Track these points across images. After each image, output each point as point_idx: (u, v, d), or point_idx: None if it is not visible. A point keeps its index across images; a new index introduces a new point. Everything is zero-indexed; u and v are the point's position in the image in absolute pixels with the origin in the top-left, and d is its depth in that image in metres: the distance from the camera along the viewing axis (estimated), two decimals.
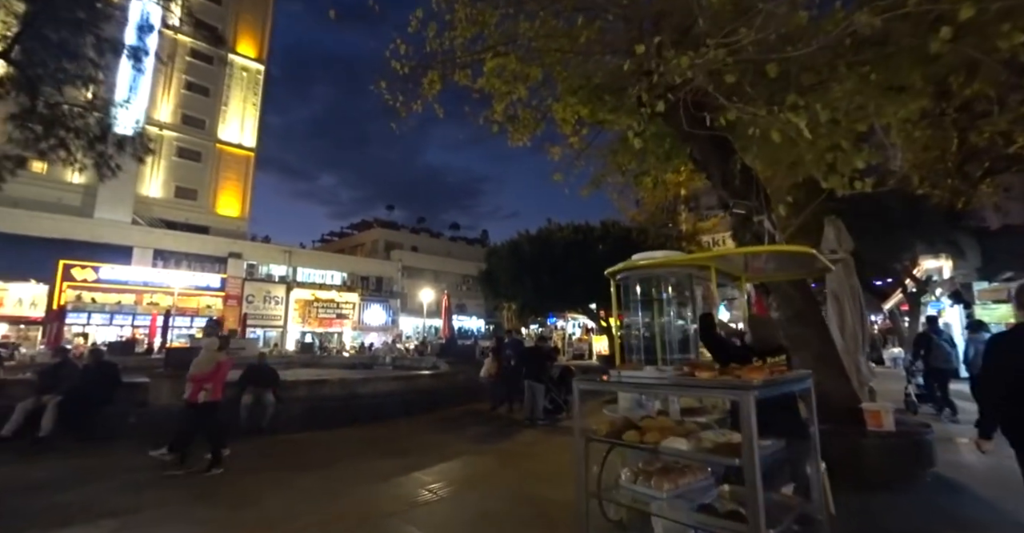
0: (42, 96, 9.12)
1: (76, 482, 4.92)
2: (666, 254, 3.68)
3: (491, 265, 19.52)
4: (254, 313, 30.76)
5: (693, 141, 5.16)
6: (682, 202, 25.21)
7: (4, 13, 9.01)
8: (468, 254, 47.98)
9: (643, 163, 7.77)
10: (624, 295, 4.05)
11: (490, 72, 5.54)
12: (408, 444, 6.80)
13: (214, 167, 35.56)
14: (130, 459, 5.65)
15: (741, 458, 2.05)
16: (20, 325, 24.58)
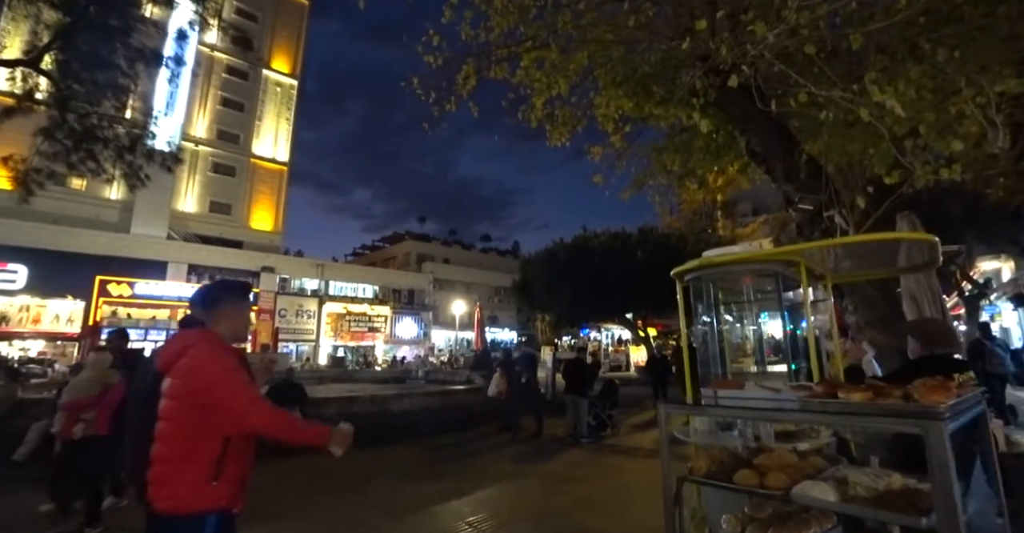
0: (72, 109, 9.16)
1: None
2: (744, 248, 3.15)
3: (526, 275, 19.13)
4: (286, 327, 30.99)
5: (752, 132, 4.64)
6: (719, 207, 24.39)
7: (34, 23, 9.10)
8: (500, 265, 47.69)
9: (689, 162, 7.22)
10: (694, 299, 3.52)
11: (529, 65, 5.12)
12: (443, 466, 6.33)
13: (248, 182, 36.30)
14: None
15: (931, 516, 1.45)
16: (57, 341, 24.74)
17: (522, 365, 9.24)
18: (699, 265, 3.14)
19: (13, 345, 22.90)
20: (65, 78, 8.85)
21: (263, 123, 37.65)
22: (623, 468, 6.23)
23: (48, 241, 24.77)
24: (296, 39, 40.48)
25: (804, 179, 4.21)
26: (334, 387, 11.59)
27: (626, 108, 5.49)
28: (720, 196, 22.63)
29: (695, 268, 3.18)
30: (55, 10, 8.65)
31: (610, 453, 7.07)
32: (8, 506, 4.84)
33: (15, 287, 23.81)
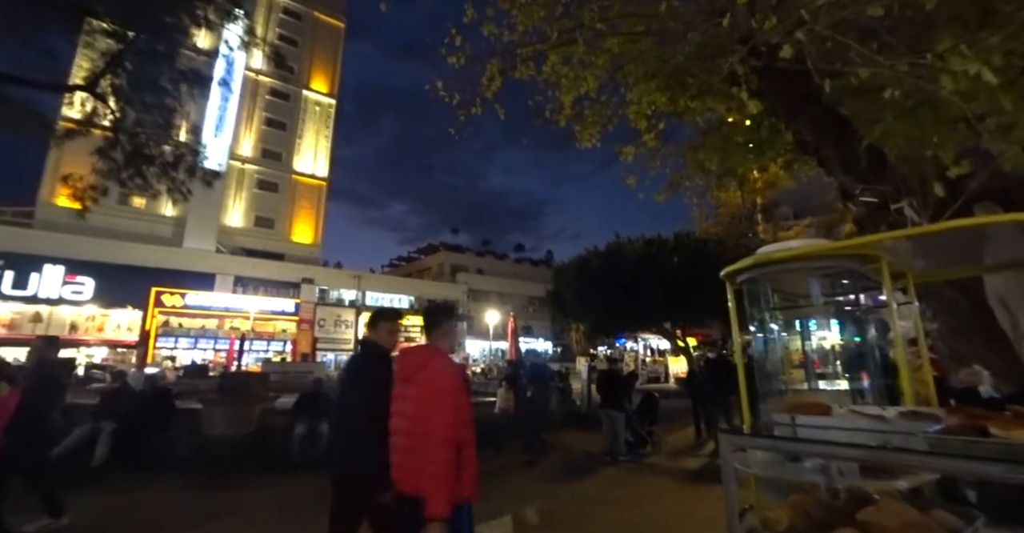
0: (124, 130, 9.63)
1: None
2: (810, 242, 2.74)
3: (558, 284, 18.70)
4: (325, 337, 31.65)
5: (801, 119, 4.22)
6: (759, 210, 23.39)
7: (91, 51, 9.68)
8: (533, 275, 47.47)
9: (728, 159, 6.78)
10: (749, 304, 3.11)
11: (555, 61, 4.90)
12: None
13: (290, 197, 37.67)
14: (164, 497, 5.29)
15: None
16: (118, 348, 26.59)
17: (529, 379, 8.28)
18: (755, 263, 2.74)
19: (81, 351, 24.63)
20: (118, 101, 9.30)
21: (303, 141, 39.08)
22: (664, 490, 5.76)
23: (110, 255, 26.69)
24: (333, 61, 42.06)
25: (865, 168, 3.76)
26: None
27: (659, 103, 5.19)
28: (760, 199, 21.71)
29: (750, 267, 2.78)
30: (110, 38, 9.21)
31: (650, 473, 6.60)
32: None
33: (83, 298, 25.83)
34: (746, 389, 2.70)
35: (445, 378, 2.24)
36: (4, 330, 24.17)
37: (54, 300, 25.38)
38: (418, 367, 2.29)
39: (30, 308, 24.95)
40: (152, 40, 9.15)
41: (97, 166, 9.61)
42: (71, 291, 25.67)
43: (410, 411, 2.23)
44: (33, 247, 25.18)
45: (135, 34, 8.93)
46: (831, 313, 3.14)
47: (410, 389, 2.27)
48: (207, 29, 10.15)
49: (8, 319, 24.47)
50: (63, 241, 25.70)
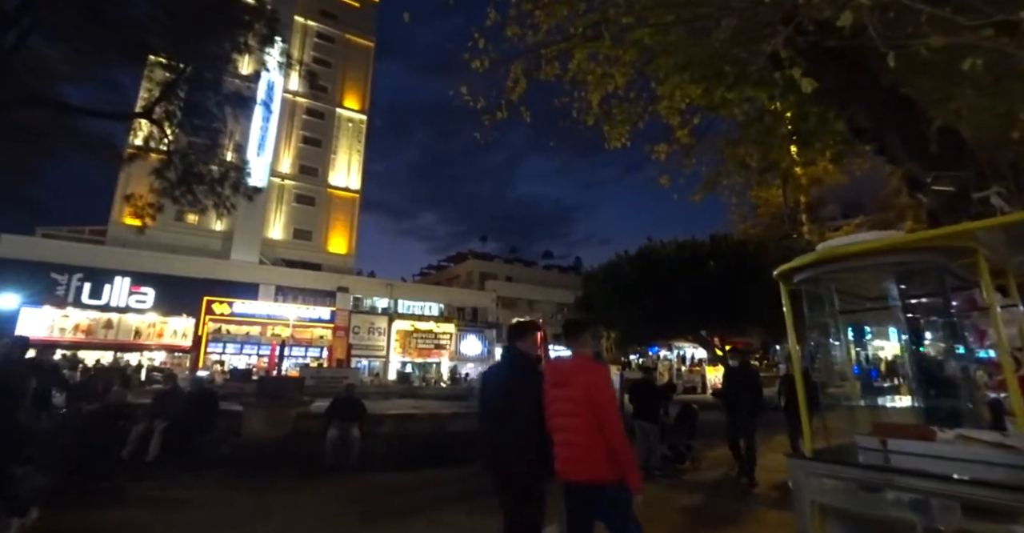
0: (176, 151, 10.21)
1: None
2: (882, 234, 2.41)
3: (588, 291, 18.38)
4: (359, 343, 32.25)
5: (857, 103, 3.90)
6: (803, 210, 22.39)
7: (149, 82, 10.37)
8: (562, 282, 47.09)
9: (770, 153, 6.47)
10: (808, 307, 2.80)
11: (581, 59, 4.79)
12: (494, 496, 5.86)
13: (325, 210, 38.90)
14: (207, 495, 5.37)
15: None
16: (175, 353, 28.42)
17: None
18: (818, 259, 2.44)
19: (143, 355, 26.96)
20: (171, 126, 9.89)
21: (337, 156, 40.37)
22: (705, 513, 5.34)
23: (169, 267, 28.72)
24: (364, 79, 43.44)
25: (937, 154, 3.36)
26: (399, 402, 11.57)
27: (693, 96, 4.98)
28: (804, 197, 20.77)
29: (811, 264, 2.48)
30: (164, 69, 9.85)
31: (688, 491, 6.18)
32: None
33: (145, 306, 27.97)
34: (805, 404, 2.43)
35: (603, 381, 2.60)
36: (83, 335, 26.29)
37: (122, 308, 27.44)
38: (572, 373, 2.62)
39: (103, 316, 27.04)
40: (200, 68, 9.70)
41: (154, 185, 10.24)
42: (136, 300, 27.83)
43: (571, 411, 2.52)
44: (105, 261, 27.59)
45: (185, 64, 9.48)
46: (909, 317, 2.69)
47: (567, 392, 2.57)
48: (249, 55, 10.66)
49: (86, 325, 26.56)
50: (129, 255, 27.95)
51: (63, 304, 26.10)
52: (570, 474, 2.50)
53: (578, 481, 2.48)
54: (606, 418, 2.45)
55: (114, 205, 29.60)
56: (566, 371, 2.68)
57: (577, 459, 2.47)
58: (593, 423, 2.45)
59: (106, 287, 27.09)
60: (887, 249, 2.25)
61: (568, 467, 2.50)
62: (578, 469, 2.47)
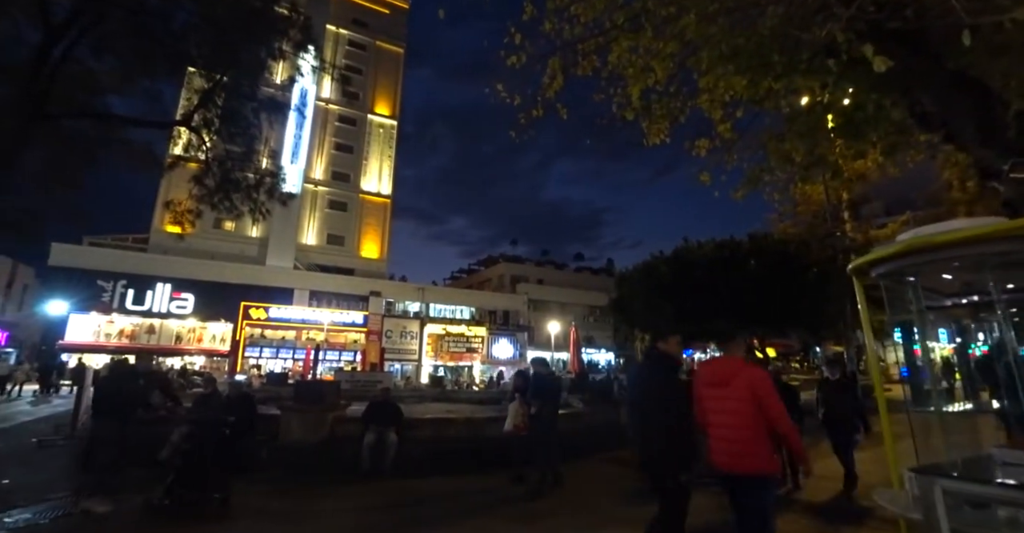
0: (214, 158, 10.47)
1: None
2: (982, 221, 2.13)
3: (622, 292, 17.99)
4: (392, 347, 32.64)
5: (922, 88, 3.63)
6: (845, 207, 21.46)
7: (187, 90, 10.67)
8: (594, 284, 46.65)
9: (818, 148, 6.15)
10: (889, 303, 2.56)
11: (621, 52, 4.63)
12: (544, 503, 5.73)
13: (358, 215, 39.61)
14: (250, 498, 5.40)
15: None
16: (214, 357, 29.36)
17: (534, 392, 6.74)
18: (904, 250, 2.18)
19: (184, 359, 27.87)
20: (209, 133, 10.14)
21: (369, 162, 41.08)
22: None
23: (207, 274, 29.81)
24: (394, 85, 44.13)
25: (1014, 139, 3.10)
26: (433, 406, 11.55)
27: (737, 88, 4.74)
28: (846, 193, 19.91)
29: (895, 256, 2.22)
30: (202, 78, 10.12)
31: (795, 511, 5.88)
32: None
33: (186, 312, 29.11)
34: (885, 413, 2.20)
35: (765, 380, 2.84)
36: (127, 340, 27.55)
37: (164, 314, 28.67)
38: (731, 374, 2.85)
39: (146, 321, 28.33)
40: (237, 76, 9.92)
41: (193, 192, 10.50)
42: (176, 306, 29.01)
43: (733, 408, 2.76)
44: (147, 268, 28.85)
45: (223, 72, 9.73)
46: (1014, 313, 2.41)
47: (727, 391, 2.82)
48: (283, 61, 10.87)
49: (130, 331, 27.91)
50: (170, 262, 29.16)
51: (108, 310, 27.37)
52: (734, 466, 2.73)
53: (742, 472, 2.72)
54: (778, 413, 2.70)
55: (155, 213, 30.89)
56: (725, 372, 2.91)
57: (740, 452, 2.71)
58: (755, 419, 2.70)
59: (148, 293, 28.30)
60: (991, 237, 2.00)
61: (731, 459, 2.74)
62: (743, 461, 2.71)
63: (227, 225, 32.65)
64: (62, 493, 5.48)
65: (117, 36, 8.25)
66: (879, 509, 4.43)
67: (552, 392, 6.64)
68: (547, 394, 6.52)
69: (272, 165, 12.13)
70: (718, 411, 2.84)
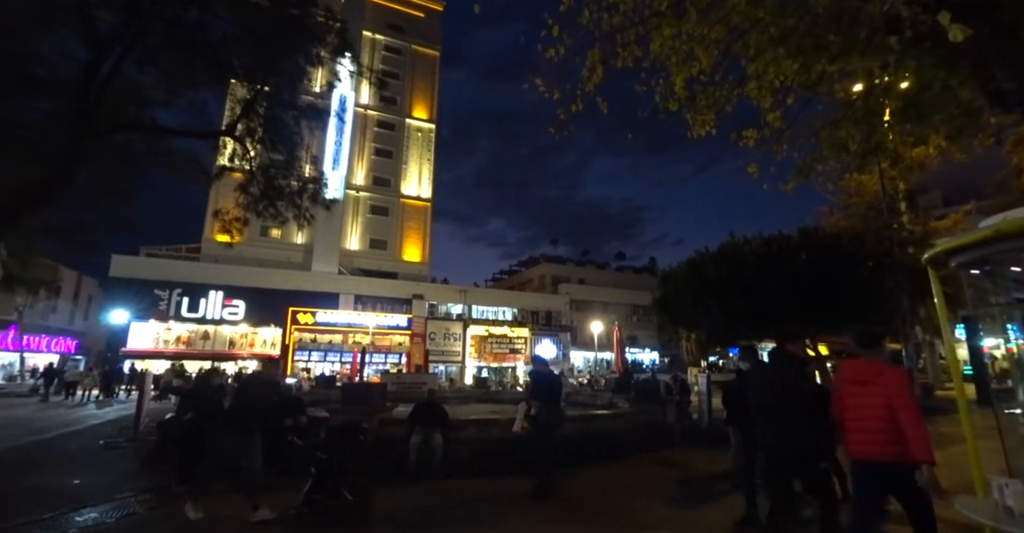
0: (259, 166, 10.80)
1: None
2: None
3: (666, 291, 17.52)
4: (435, 349, 33.10)
5: (1000, 62, 3.32)
6: (902, 198, 20.20)
7: (231, 100, 11.06)
8: (636, 283, 45.92)
9: (875, 134, 5.78)
10: (972, 294, 2.35)
11: (664, 40, 4.48)
12: (587, 504, 5.63)
13: (399, 219, 40.40)
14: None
15: None
16: (267, 361, 30.15)
17: (532, 392, 6.48)
18: (995, 235, 1.96)
19: (237, 364, 29.04)
20: (252, 142, 10.47)
21: (408, 166, 41.82)
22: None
23: (257, 281, 31.06)
24: (431, 88, 44.75)
25: None
26: (477, 407, 11.58)
27: (788, 73, 4.50)
28: (903, 184, 18.78)
29: (984, 241, 2.01)
30: (243, 87, 10.46)
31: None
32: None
33: (237, 318, 30.46)
34: (966, 414, 2.02)
35: (905, 379, 3.18)
36: (183, 346, 29.22)
37: (217, 320, 30.12)
38: (876, 373, 3.15)
39: (200, 327, 29.87)
40: (278, 84, 10.22)
41: (239, 200, 10.87)
42: (228, 313, 30.39)
43: (878, 403, 3.05)
44: (200, 277, 30.32)
45: (263, 81, 10.04)
46: None
47: (871, 388, 3.11)
48: (321, 67, 11.13)
49: (186, 337, 29.55)
50: (221, 270, 30.59)
51: (165, 318, 28.98)
52: (872, 455, 3.04)
53: (881, 461, 3.01)
54: (913, 412, 2.95)
55: (206, 223, 32.42)
56: (870, 372, 3.19)
57: (881, 441, 3.00)
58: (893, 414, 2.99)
59: (202, 301, 29.72)
60: None
61: (872, 448, 3.04)
62: (881, 450, 3.00)
63: (274, 232, 34.03)
64: (128, 493, 5.78)
65: (159, 49, 8.52)
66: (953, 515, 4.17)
67: (551, 392, 6.34)
68: (545, 394, 6.26)
69: (314, 171, 12.45)
70: (862, 406, 3.13)
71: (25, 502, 5.41)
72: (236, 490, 5.16)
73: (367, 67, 14.32)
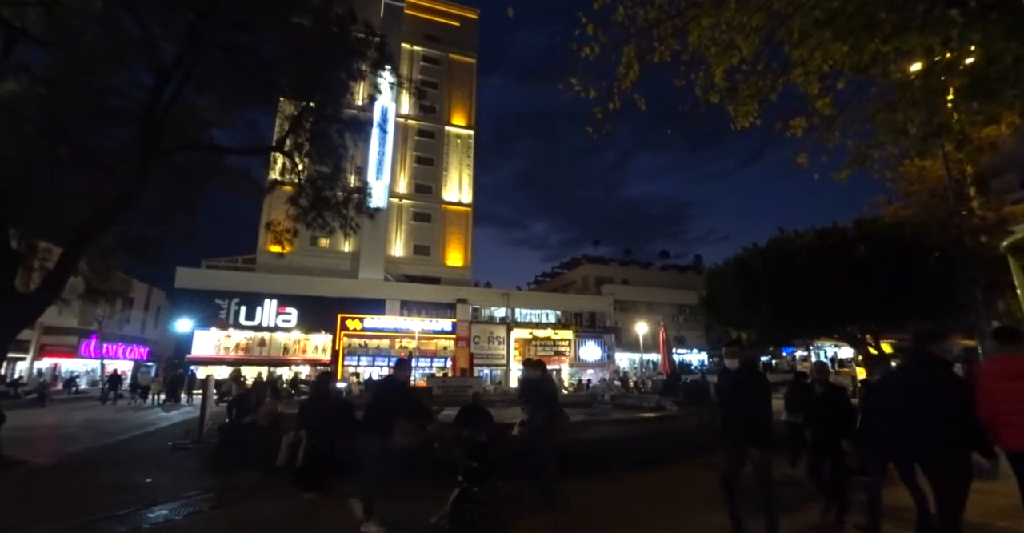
0: (307, 179, 11.28)
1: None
2: None
3: (713, 290, 16.98)
4: (480, 353, 33.38)
5: None
6: (971, 182, 18.75)
7: (280, 117, 11.63)
8: (682, 282, 44.83)
9: (937, 114, 5.40)
10: None
11: (705, 26, 4.36)
12: (635, 508, 5.51)
13: (441, 225, 41.17)
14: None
15: None
16: (317, 366, 31.60)
17: (523, 397, 6.16)
18: None
19: (291, 369, 30.59)
20: (300, 156, 10.96)
21: (448, 173, 42.56)
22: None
23: (307, 289, 32.38)
24: (468, 95, 45.42)
25: None
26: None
27: (837, 57, 4.28)
28: (971, 166, 17.43)
29: None
30: (291, 104, 10.99)
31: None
32: (284, 500, 5.60)
33: (290, 325, 31.86)
34: None
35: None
36: (242, 353, 30.81)
37: (271, 328, 31.60)
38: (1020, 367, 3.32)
39: (257, 335, 31.41)
40: (322, 100, 10.64)
41: (289, 212, 11.39)
42: (282, 320, 31.84)
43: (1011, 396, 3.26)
44: (256, 286, 31.98)
45: (309, 98, 10.48)
46: None
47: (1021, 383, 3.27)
48: (363, 81, 11.51)
49: (244, 344, 31.14)
50: (275, 280, 32.16)
51: (225, 326, 30.65)
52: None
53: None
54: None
55: (260, 235, 34.09)
56: (1020, 367, 3.33)
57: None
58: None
59: (258, 309, 31.31)
60: None
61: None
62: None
63: (322, 242, 35.34)
64: (193, 492, 6.12)
65: (215, 73, 9.10)
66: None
67: (542, 398, 5.92)
68: (537, 400, 5.88)
69: (359, 182, 12.87)
70: (1015, 400, 3.25)
71: (105, 498, 5.83)
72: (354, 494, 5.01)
73: (406, 78, 14.72)
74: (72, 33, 8.04)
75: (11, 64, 8.29)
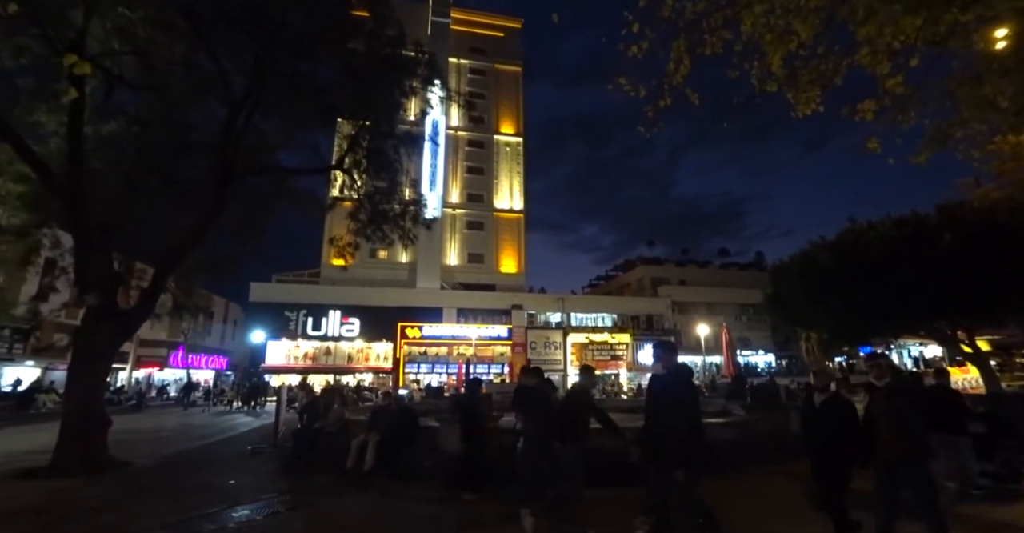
0: (366, 194, 11.78)
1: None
2: None
3: (778, 287, 16.16)
4: (537, 358, 33.30)
5: None
6: None
7: (338, 137, 12.25)
8: (743, 281, 42.99)
9: None
10: None
11: (756, 16, 4.21)
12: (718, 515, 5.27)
13: (494, 233, 41.69)
14: (421, 506, 5.82)
15: None
16: (379, 374, 32.85)
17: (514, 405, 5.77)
18: None
19: (355, 377, 31.81)
20: (359, 173, 11.48)
21: (499, 180, 43.10)
22: None
23: (368, 299, 33.70)
24: (515, 103, 45.91)
25: None
26: None
27: (910, 32, 3.99)
28: None
29: None
30: (348, 124, 11.57)
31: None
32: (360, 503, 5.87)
33: (353, 334, 33.21)
34: None
35: None
36: (310, 362, 32.46)
37: (336, 337, 33.05)
38: None
39: (323, 344, 33.01)
40: (377, 118, 11.13)
41: (350, 227, 11.93)
42: (346, 330, 33.21)
43: None
44: (321, 298, 33.57)
45: (363, 116, 10.98)
46: None
47: None
48: (414, 97, 11.94)
49: (311, 353, 32.89)
50: (337, 291, 33.66)
51: (294, 336, 32.40)
52: None
53: None
54: None
55: (323, 249, 35.82)
56: None
57: None
58: None
59: (323, 320, 32.87)
60: None
61: None
62: None
63: (381, 254, 36.71)
64: (271, 493, 6.47)
65: (278, 100, 9.77)
66: None
67: (535, 406, 5.45)
68: (528, 408, 5.45)
69: (414, 194, 13.29)
70: None
71: (195, 498, 6.28)
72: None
73: (455, 91, 15.13)
74: (159, 76, 8.87)
75: (111, 108, 9.30)
